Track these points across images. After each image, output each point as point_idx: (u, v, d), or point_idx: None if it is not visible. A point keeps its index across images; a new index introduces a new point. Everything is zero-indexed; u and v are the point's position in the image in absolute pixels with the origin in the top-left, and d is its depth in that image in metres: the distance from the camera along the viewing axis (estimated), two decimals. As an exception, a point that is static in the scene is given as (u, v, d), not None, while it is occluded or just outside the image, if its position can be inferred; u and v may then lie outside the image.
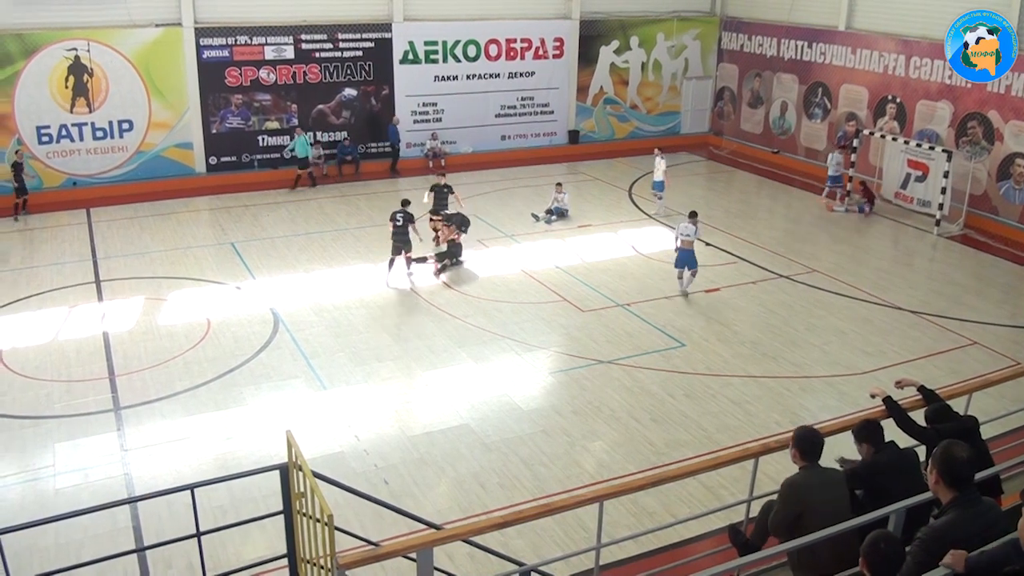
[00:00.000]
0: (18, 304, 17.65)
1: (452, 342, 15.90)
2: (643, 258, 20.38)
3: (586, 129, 31.22)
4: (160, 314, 17.21)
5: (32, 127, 24.29)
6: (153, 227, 22.62)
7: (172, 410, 13.56)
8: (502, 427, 13.05)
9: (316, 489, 6.47)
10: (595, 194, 25.75)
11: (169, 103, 25.61)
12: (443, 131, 28.88)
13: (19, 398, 13.94)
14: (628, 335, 16.23)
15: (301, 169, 26.14)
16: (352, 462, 12.09)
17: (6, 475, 11.89)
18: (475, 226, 20.89)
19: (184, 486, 7.48)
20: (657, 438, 12.76)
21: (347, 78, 27.44)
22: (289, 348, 15.64)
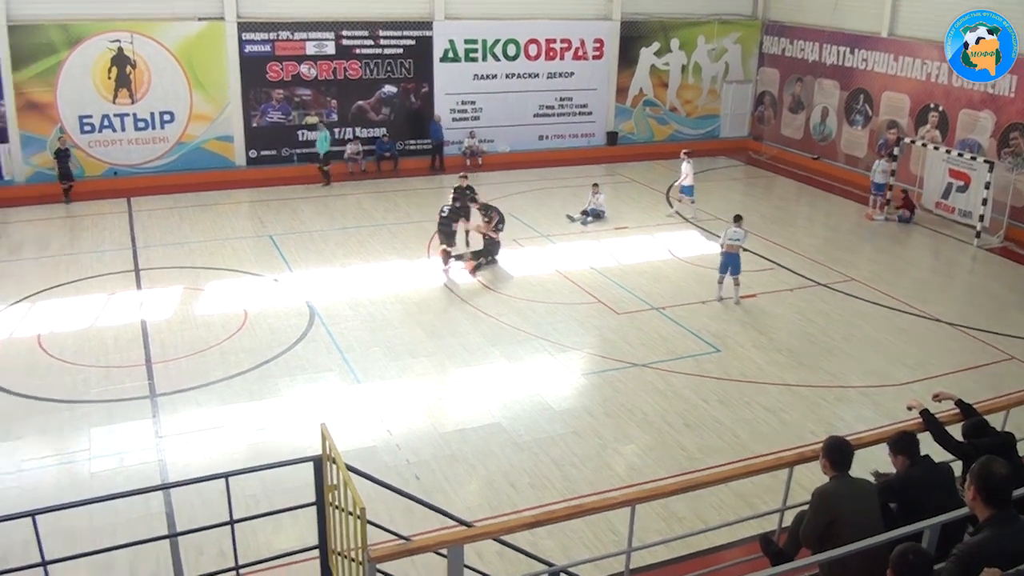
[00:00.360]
0: (58, 290, 17.90)
1: (486, 340, 15.91)
2: (679, 261, 20.27)
3: (625, 131, 31.12)
4: (198, 304, 17.39)
5: (74, 116, 24.66)
6: (192, 218, 22.86)
7: (207, 399, 13.70)
8: (534, 427, 13.04)
9: (349, 482, 6.50)
10: (632, 196, 25.66)
11: (211, 96, 25.87)
12: (481, 130, 28.92)
13: (56, 382, 14.14)
14: (662, 339, 16.15)
15: (320, 165, 26.04)
16: (384, 456, 12.14)
17: (43, 457, 12.07)
18: (511, 225, 20.89)
19: (218, 474, 7.55)
20: (690, 443, 12.68)
21: (387, 75, 27.56)
22: (324, 341, 15.73)
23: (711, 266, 18.85)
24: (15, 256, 19.92)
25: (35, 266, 19.23)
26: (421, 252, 20.39)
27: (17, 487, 11.36)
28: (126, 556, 9.79)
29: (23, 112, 24.08)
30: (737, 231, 17.72)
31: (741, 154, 31.47)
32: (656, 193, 25.92)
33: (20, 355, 15.05)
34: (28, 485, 11.40)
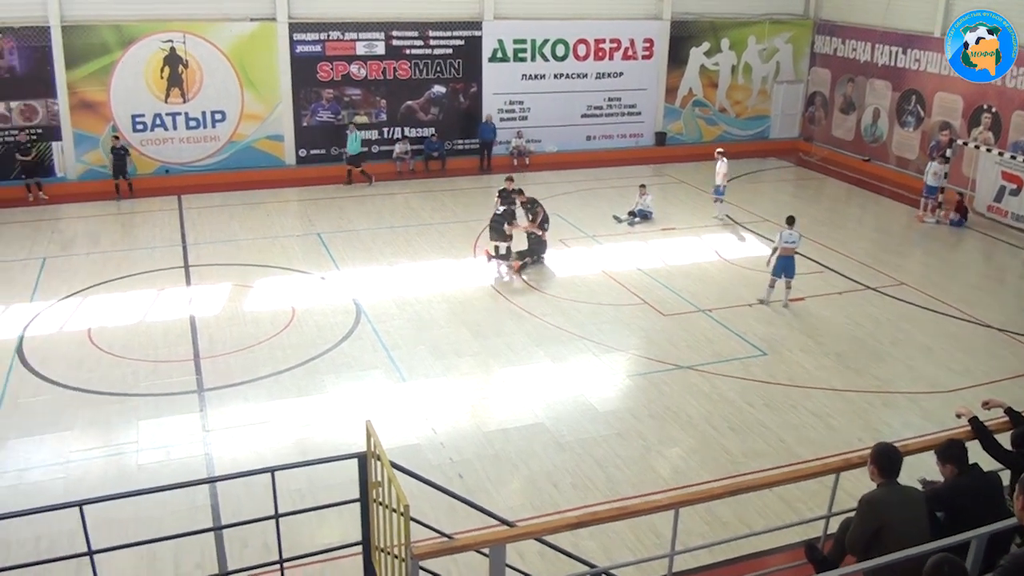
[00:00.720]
0: (108, 285, 18.25)
1: (530, 340, 15.92)
2: (726, 263, 20.10)
3: (674, 131, 30.94)
4: (246, 300, 17.62)
5: (127, 115, 25.11)
6: (242, 216, 23.16)
7: (254, 394, 13.87)
8: (577, 427, 13.02)
9: (394, 479, 6.53)
10: (680, 197, 25.50)
11: (262, 96, 26.18)
12: (528, 130, 28.92)
13: (106, 375, 14.41)
14: (708, 341, 16.04)
15: (352, 166, 26.07)
16: (428, 454, 12.20)
17: (91, 448, 12.31)
18: (557, 226, 20.87)
19: (264, 468, 7.64)
20: (734, 447, 12.57)
21: (436, 75, 27.68)
22: (370, 339, 15.85)
23: (758, 268, 18.66)
24: (67, 251, 20.33)
25: (86, 261, 19.62)
26: (468, 252, 20.45)
27: (64, 478, 11.60)
28: (171, 548, 9.94)
29: (76, 111, 24.58)
30: (792, 233, 17.50)
31: (791, 155, 31.13)
32: (704, 194, 25.71)
33: (71, 348, 15.36)
34: (75, 476, 11.63)
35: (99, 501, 7.55)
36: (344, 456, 7.71)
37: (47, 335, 15.92)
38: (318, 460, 8.25)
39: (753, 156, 30.52)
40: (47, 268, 19.14)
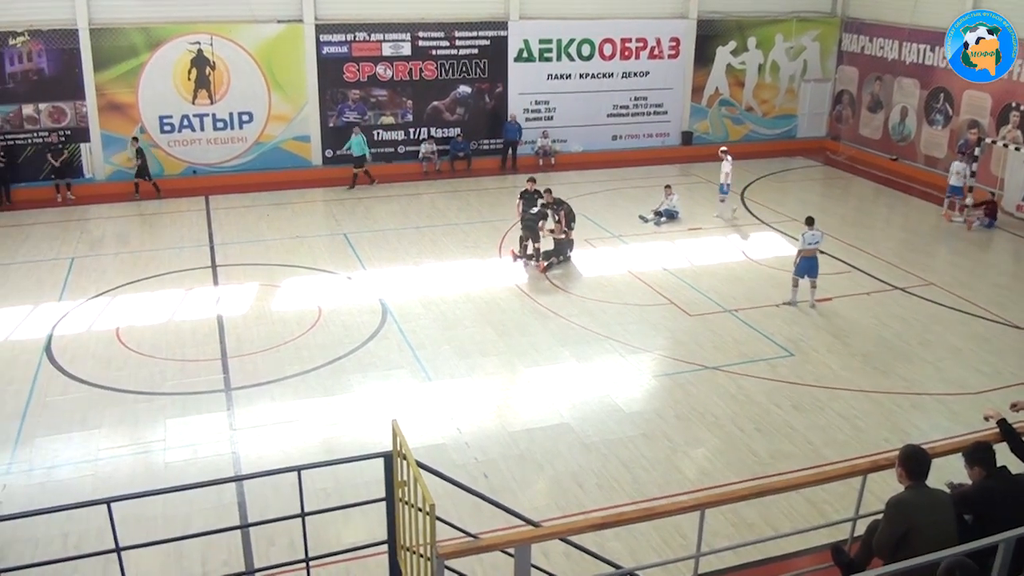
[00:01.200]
0: (136, 284, 18.44)
1: (556, 341, 15.92)
2: (753, 263, 20.01)
3: (700, 131, 30.81)
4: (273, 300, 17.74)
5: (155, 117, 25.35)
6: (269, 215, 23.30)
7: (281, 393, 13.97)
8: (603, 428, 13.01)
9: (419, 478, 6.56)
10: (707, 197, 25.38)
11: (288, 97, 26.34)
12: (554, 129, 28.90)
13: (134, 374, 14.57)
14: (735, 342, 15.97)
15: (357, 168, 25.89)
16: (453, 454, 12.23)
17: (119, 446, 12.46)
18: (583, 226, 20.85)
19: (291, 467, 7.70)
20: (761, 448, 12.52)
21: (462, 75, 27.73)
22: (396, 339, 15.91)
23: (785, 268, 18.55)
24: (95, 251, 20.57)
25: (115, 261, 19.84)
26: (493, 251, 20.48)
27: (93, 475, 11.74)
28: (198, 545, 10.03)
29: (105, 112, 24.84)
30: (815, 234, 17.39)
31: (819, 155, 30.91)
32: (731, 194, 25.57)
33: (99, 347, 15.54)
34: (104, 474, 11.78)
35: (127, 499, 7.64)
36: (370, 455, 7.76)
37: (75, 334, 16.11)
38: (344, 459, 8.32)
39: (780, 155, 30.35)
40: (76, 268, 19.36)
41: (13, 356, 15.23)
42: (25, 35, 23.74)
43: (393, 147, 27.69)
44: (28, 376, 14.47)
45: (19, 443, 12.50)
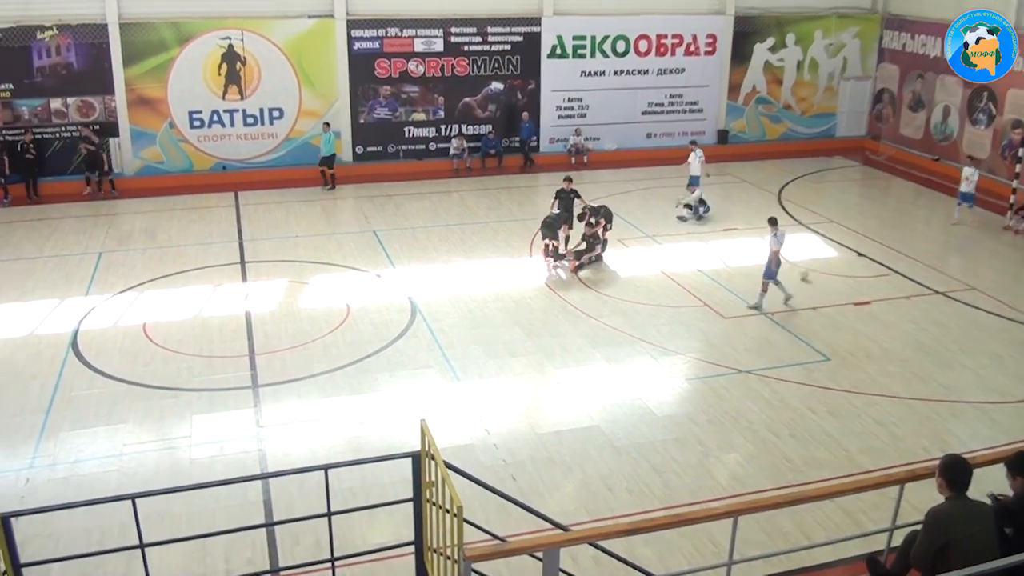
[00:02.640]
0: (164, 280, 18.62)
1: (586, 341, 15.89)
2: (789, 265, 19.78)
3: (736, 129, 30.63)
4: (302, 297, 17.84)
5: (184, 112, 25.57)
6: (298, 212, 23.46)
7: (308, 391, 14.05)
8: (633, 431, 12.96)
9: (447, 479, 6.57)
10: (742, 197, 25.25)
11: (319, 93, 26.48)
12: (587, 127, 28.85)
13: (160, 370, 14.72)
14: (770, 345, 15.86)
15: (326, 167, 25.51)
16: (481, 455, 12.24)
17: (144, 442, 12.59)
18: (615, 225, 20.76)
19: (318, 466, 7.74)
20: (795, 455, 12.42)
21: (494, 72, 27.74)
22: (425, 338, 15.95)
23: (824, 270, 18.43)
24: (123, 246, 20.79)
25: (142, 256, 20.05)
26: (523, 250, 20.47)
27: (117, 470, 11.88)
28: (222, 543, 10.11)
29: (134, 107, 25.10)
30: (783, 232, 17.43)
31: (858, 154, 30.61)
32: (767, 194, 25.43)
33: (126, 342, 15.71)
34: (128, 469, 11.91)
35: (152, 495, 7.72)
36: (398, 455, 7.78)
37: (102, 329, 16.29)
38: (371, 459, 8.36)
39: (818, 155, 30.08)
40: (103, 262, 19.59)
41: (38, 350, 15.43)
42: (54, 29, 24.04)
43: (424, 144, 27.75)
44: (54, 370, 14.65)
45: (43, 437, 12.66)
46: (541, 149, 28.58)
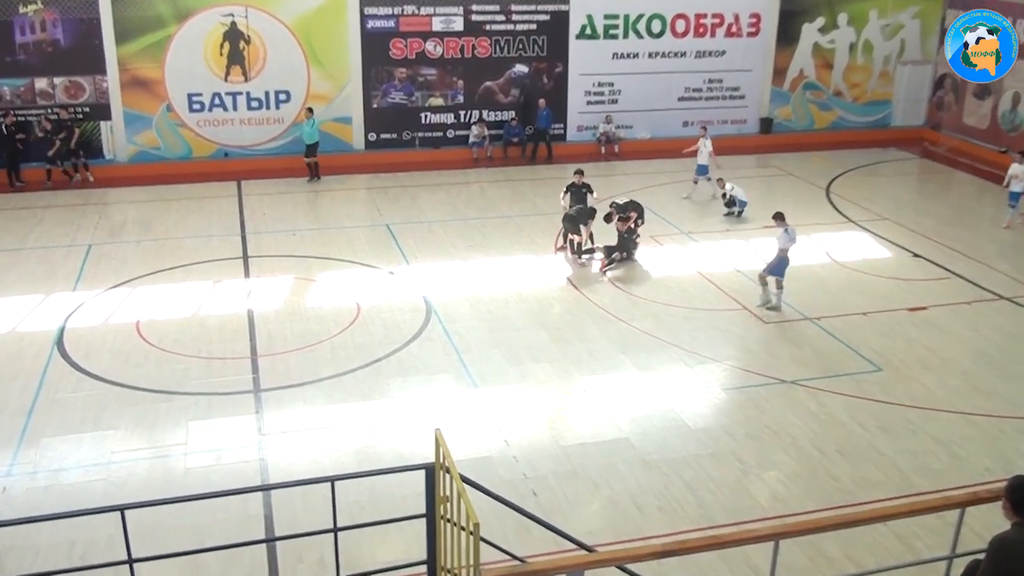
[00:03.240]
0: (160, 275, 18.73)
1: (615, 347, 15.86)
2: (839, 266, 19.74)
3: (781, 117, 30.50)
4: (308, 295, 17.90)
5: (183, 94, 25.72)
6: (306, 204, 23.57)
7: (314, 396, 14.09)
8: (665, 445, 12.92)
9: (464, 494, 6.56)
10: (787, 191, 25.13)
11: (329, 75, 26.57)
12: (619, 114, 28.80)
13: (155, 372, 14.80)
14: (816, 353, 15.78)
15: (309, 157, 25.35)
16: (500, 468, 12.23)
17: (135, 449, 12.65)
18: (648, 221, 20.73)
19: (324, 478, 7.76)
20: (843, 474, 12.34)
21: (518, 53, 27.75)
22: (441, 340, 15.97)
23: (876, 273, 18.33)
24: (115, 238, 20.93)
25: (136, 249, 20.20)
26: (548, 247, 20.45)
27: (105, 480, 11.94)
28: (219, 559, 10.12)
29: (128, 88, 25.26)
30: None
31: (915, 145, 30.39)
32: (814, 188, 25.30)
33: (117, 342, 15.80)
34: (118, 478, 11.97)
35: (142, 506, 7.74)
36: (410, 467, 7.78)
37: (91, 327, 16.40)
38: (382, 470, 8.37)
39: (872, 146, 29.89)
40: (92, 255, 19.72)
41: (20, 348, 15.54)
42: (39, 2, 24.17)
43: (442, 131, 27.80)
44: (36, 370, 14.75)
45: (23, 443, 12.73)
46: (568, 138, 28.57)
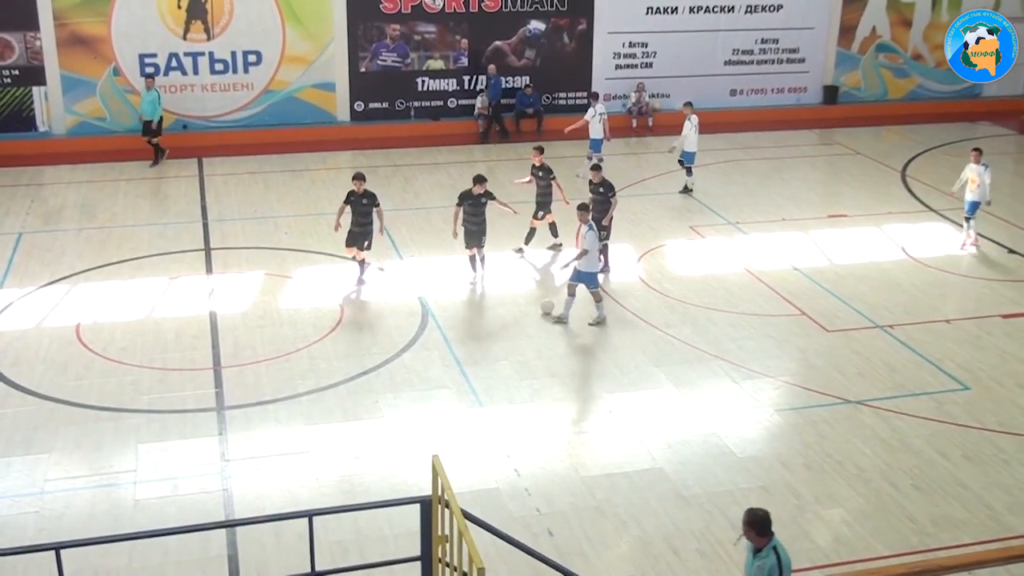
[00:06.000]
0: (105, 270, 18.83)
1: (647, 358, 15.87)
2: (917, 264, 19.73)
3: (848, 85, 30.51)
4: (283, 295, 17.95)
5: (133, 55, 25.84)
6: (281, 186, 23.63)
7: (289, 415, 14.13)
8: (707, 476, 12.93)
9: (466, 533, 6.59)
10: (854, 173, 25.12)
11: (308, 32, 26.65)
12: (653, 81, 28.83)
13: (98, 384, 14.85)
14: (888, 368, 15.77)
15: (147, 137, 24.95)
16: (509, 502, 12.25)
17: (74, 476, 12.69)
18: (689, 208, 20.74)
19: (300, 512, 7.82)
20: (920, 513, 12.33)
21: (534, 7, 27.81)
22: (439, 349, 16.01)
23: (962, 272, 18.31)
24: (51, 226, 21.03)
25: (76, 240, 20.28)
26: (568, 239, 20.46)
27: (37, 512, 11.95)
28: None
29: (66, 48, 25.36)
30: None
31: (1011, 119, 30.37)
32: (887, 170, 25.28)
33: (52, 348, 15.85)
34: (52, 511, 11.98)
35: (82, 544, 7.80)
36: (403, 500, 7.85)
37: (21, 331, 16.46)
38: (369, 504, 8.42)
39: (958, 119, 29.87)
40: (24, 246, 19.83)
41: (-66, 355, 15.62)
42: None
43: (442, 100, 27.88)
44: (-45, 381, 14.86)
45: (-63, 466, 12.80)
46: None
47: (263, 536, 11.18)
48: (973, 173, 20.34)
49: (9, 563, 10.27)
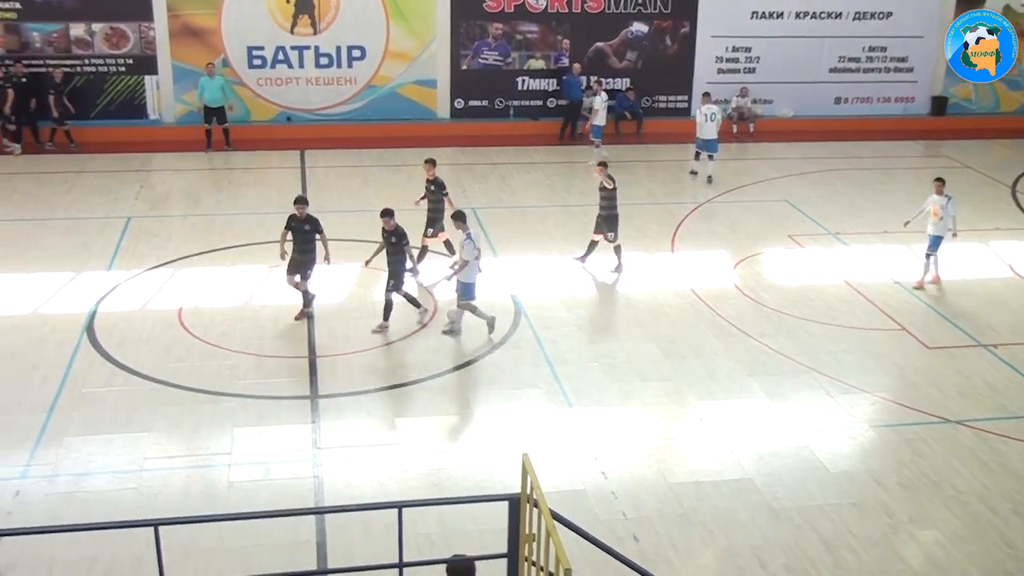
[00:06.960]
0: (207, 256, 19.21)
1: (741, 367, 15.74)
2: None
3: (959, 96, 29.94)
4: (377, 287, 18.07)
5: (242, 47, 26.32)
6: (379, 180, 23.88)
7: (380, 407, 14.29)
8: (798, 490, 12.78)
9: (554, 533, 6.58)
10: (962, 188, 24.58)
11: (412, 29, 26.86)
12: (756, 86, 28.57)
13: (198, 368, 15.14)
14: (991, 388, 15.45)
15: (210, 124, 25.29)
16: (595, 505, 12.23)
17: (172, 456, 12.98)
18: (788, 217, 20.49)
19: (389, 503, 7.87)
20: (1020, 538, 12.05)
21: (637, 9, 27.72)
22: (530, 348, 16.04)
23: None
24: (157, 212, 21.54)
25: (181, 225, 20.76)
26: (664, 243, 20.40)
27: (135, 489, 12.24)
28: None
29: (178, 39, 25.91)
30: None
31: None
32: (997, 186, 24.78)
33: (155, 331, 16.22)
34: (150, 489, 12.26)
35: (179, 523, 7.91)
36: (491, 497, 7.84)
37: (126, 312, 16.87)
38: (457, 499, 8.46)
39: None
40: (132, 230, 20.30)
41: (43, 334, 16.00)
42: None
43: (541, 99, 27.91)
44: (62, 360, 15.19)
45: (42, 441, 13.13)
46: (692, 112, 28.36)
47: (351, 525, 11.29)
48: (935, 205, 19.07)
49: (108, 536, 10.50)
